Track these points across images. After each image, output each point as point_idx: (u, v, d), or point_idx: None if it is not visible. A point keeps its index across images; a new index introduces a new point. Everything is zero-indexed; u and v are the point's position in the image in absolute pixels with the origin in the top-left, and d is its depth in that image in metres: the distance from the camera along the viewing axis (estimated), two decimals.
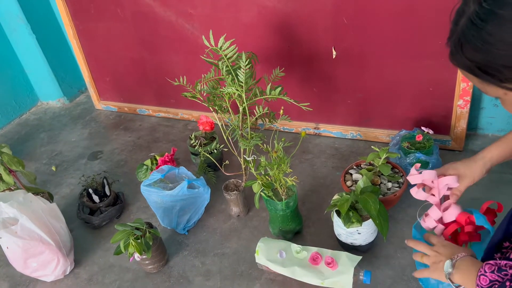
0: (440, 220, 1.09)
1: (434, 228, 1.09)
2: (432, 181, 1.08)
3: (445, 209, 1.08)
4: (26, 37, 2.34)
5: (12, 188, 1.51)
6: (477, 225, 1.03)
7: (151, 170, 1.72)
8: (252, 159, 1.38)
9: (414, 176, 1.11)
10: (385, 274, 1.28)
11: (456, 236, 1.07)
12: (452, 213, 1.05)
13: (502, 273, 0.77)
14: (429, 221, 1.08)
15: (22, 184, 1.58)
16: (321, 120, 1.92)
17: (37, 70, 2.48)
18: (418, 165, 1.14)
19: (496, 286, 0.77)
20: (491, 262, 0.81)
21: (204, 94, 1.48)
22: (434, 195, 1.09)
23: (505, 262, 0.78)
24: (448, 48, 0.74)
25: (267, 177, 1.31)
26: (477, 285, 0.80)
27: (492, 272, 0.79)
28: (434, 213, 1.07)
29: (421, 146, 1.53)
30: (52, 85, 2.52)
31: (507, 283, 0.76)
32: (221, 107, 1.49)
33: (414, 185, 1.13)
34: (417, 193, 1.10)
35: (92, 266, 1.48)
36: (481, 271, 0.81)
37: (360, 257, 1.21)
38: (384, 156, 1.39)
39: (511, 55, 0.65)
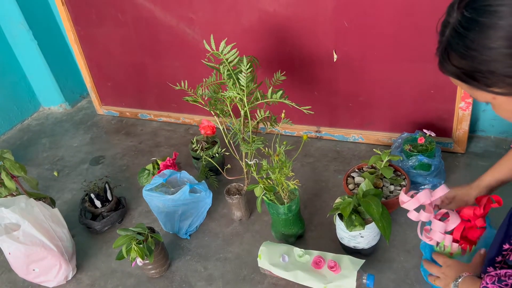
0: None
1: (443, 239, 1.08)
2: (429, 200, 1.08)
3: (440, 215, 1.08)
4: (27, 43, 2.34)
5: (14, 194, 1.51)
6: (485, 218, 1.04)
7: (153, 174, 1.72)
8: (254, 163, 1.38)
9: (409, 203, 1.07)
10: (388, 278, 1.27)
11: (467, 235, 1.07)
12: (453, 221, 1.05)
13: (503, 283, 0.82)
14: (436, 235, 1.07)
15: (24, 189, 1.59)
16: (323, 123, 1.92)
17: (39, 76, 2.49)
18: (405, 190, 1.14)
19: None
20: (492, 273, 0.85)
21: (206, 98, 1.48)
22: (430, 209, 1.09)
23: (504, 271, 0.83)
24: (437, 58, 0.77)
25: (269, 180, 1.31)
26: None
27: (493, 283, 0.83)
28: (437, 226, 1.06)
29: (423, 149, 1.52)
30: (54, 90, 2.53)
31: None
32: (223, 111, 1.49)
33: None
34: (418, 216, 1.07)
35: (94, 271, 1.48)
36: (483, 284, 0.85)
37: (363, 261, 1.21)
38: (386, 159, 1.38)
39: (494, 60, 0.67)
